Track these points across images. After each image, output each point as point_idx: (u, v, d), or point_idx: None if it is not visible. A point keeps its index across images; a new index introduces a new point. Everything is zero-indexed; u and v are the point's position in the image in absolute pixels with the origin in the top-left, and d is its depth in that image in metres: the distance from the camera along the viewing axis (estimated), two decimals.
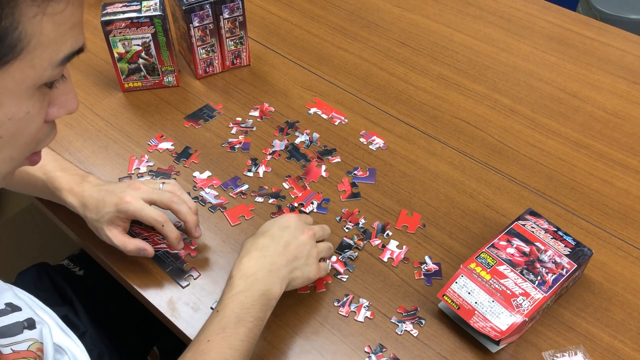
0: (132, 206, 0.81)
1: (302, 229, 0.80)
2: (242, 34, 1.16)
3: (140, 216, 0.81)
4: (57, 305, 0.92)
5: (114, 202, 0.81)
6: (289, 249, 0.77)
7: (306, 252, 0.78)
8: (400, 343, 0.79)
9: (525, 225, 0.86)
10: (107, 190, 0.83)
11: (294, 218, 0.81)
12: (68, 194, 0.85)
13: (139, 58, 1.11)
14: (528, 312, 0.76)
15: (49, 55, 0.48)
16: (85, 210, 0.83)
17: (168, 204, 0.83)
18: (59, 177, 0.86)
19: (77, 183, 0.85)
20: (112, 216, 0.81)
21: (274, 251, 0.76)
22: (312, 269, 0.79)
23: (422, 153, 1.03)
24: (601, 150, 1.04)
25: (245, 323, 0.70)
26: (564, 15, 1.33)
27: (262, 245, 0.77)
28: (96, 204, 0.82)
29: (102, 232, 0.83)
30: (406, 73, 1.20)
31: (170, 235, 0.83)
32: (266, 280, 0.74)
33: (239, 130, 1.07)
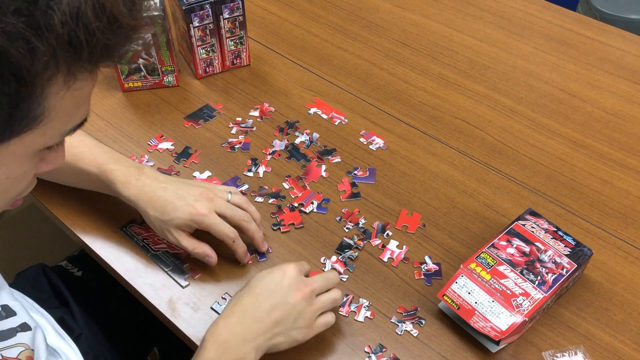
0: (207, 220, 0.80)
1: (297, 286, 0.74)
2: (242, 34, 1.16)
3: (213, 230, 0.81)
4: (54, 307, 0.92)
5: (187, 210, 0.80)
6: (273, 313, 0.71)
7: (295, 314, 0.72)
8: (400, 343, 0.79)
9: (525, 225, 0.86)
10: (177, 194, 0.82)
11: (289, 271, 0.75)
12: (125, 188, 0.84)
13: (139, 58, 1.11)
14: (528, 312, 0.76)
15: (60, 126, 0.50)
16: (148, 207, 0.82)
17: (238, 222, 0.83)
18: (113, 170, 0.85)
19: (134, 176, 0.84)
20: (182, 222, 0.80)
21: (253, 317, 0.71)
22: (301, 332, 0.73)
23: (422, 153, 1.03)
24: (601, 150, 1.04)
25: None
26: (564, 15, 1.33)
27: (243, 309, 0.72)
28: (164, 204, 0.81)
29: (168, 233, 0.82)
30: (406, 73, 1.20)
31: (240, 250, 0.83)
32: (239, 350, 0.69)
33: (239, 130, 1.07)
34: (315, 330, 0.75)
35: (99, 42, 0.45)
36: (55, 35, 0.43)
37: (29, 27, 0.42)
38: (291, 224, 0.92)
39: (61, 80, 0.46)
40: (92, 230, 0.91)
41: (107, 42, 0.46)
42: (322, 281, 0.77)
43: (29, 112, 0.46)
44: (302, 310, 0.73)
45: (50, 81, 0.46)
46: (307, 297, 0.74)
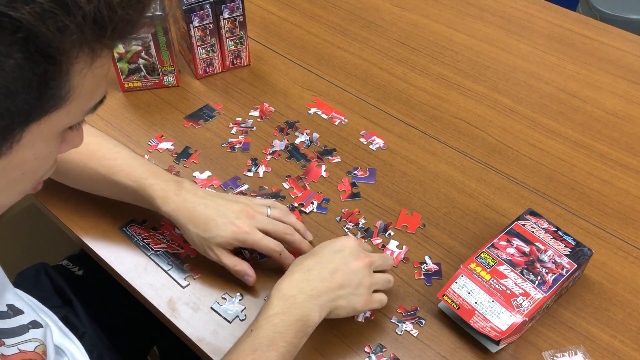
0: (251, 237, 0.80)
1: (357, 255, 0.76)
2: (242, 34, 1.16)
3: (258, 247, 0.81)
4: (57, 306, 0.92)
5: (230, 229, 0.80)
6: (336, 275, 0.74)
7: (357, 281, 0.75)
8: (400, 343, 0.79)
9: (525, 225, 0.86)
10: (218, 210, 0.81)
11: (351, 242, 0.78)
12: (164, 203, 0.82)
13: (139, 58, 1.11)
14: (528, 312, 0.76)
15: (82, 104, 0.52)
16: (189, 223, 0.81)
17: (282, 236, 0.83)
18: (152, 185, 0.83)
19: (173, 191, 0.83)
20: (225, 241, 0.80)
21: (318, 276, 0.73)
22: (361, 300, 0.75)
23: (422, 153, 1.03)
24: (601, 150, 1.04)
25: (277, 347, 0.68)
26: (564, 15, 1.33)
27: (307, 268, 0.74)
28: (205, 221, 0.80)
29: (209, 250, 0.81)
30: (406, 73, 1.20)
31: (287, 261, 0.82)
32: (304, 306, 0.71)
33: (239, 130, 1.07)
34: (371, 303, 0.77)
35: (120, 18, 0.47)
36: (82, 13, 0.44)
37: (57, 6, 0.43)
38: None
39: (85, 58, 0.48)
40: (92, 230, 0.91)
41: (127, 18, 0.47)
42: (379, 258, 0.79)
43: (57, 90, 0.47)
44: (362, 278, 0.75)
45: (76, 59, 0.47)
46: (367, 267, 0.76)
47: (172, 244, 0.89)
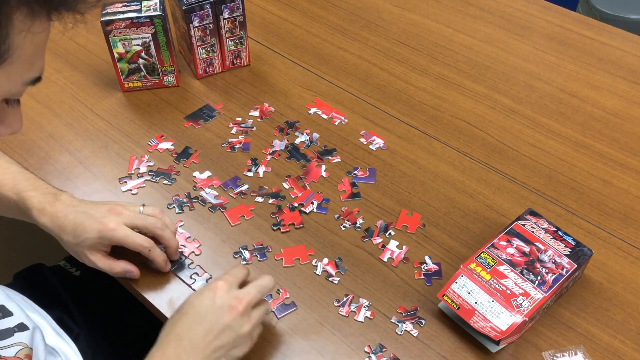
0: (117, 233, 0.79)
1: (230, 305, 0.70)
2: (242, 34, 1.16)
3: (125, 243, 0.80)
4: (52, 307, 0.91)
5: (95, 228, 0.78)
6: (209, 339, 0.68)
7: (234, 335, 0.70)
8: (400, 343, 0.79)
9: (525, 225, 0.86)
10: (86, 214, 0.80)
11: (220, 291, 0.71)
12: (40, 214, 0.81)
13: (139, 58, 1.11)
14: (528, 312, 0.76)
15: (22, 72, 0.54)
16: (62, 232, 0.80)
17: (152, 229, 0.81)
18: (30, 197, 0.82)
19: (49, 203, 0.82)
20: (94, 242, 0.79)
21: (189, 345, 0.68)
22: (243, 348, 0.72)
23: (422, 153, 1.03)
24: (601, 150, 1.04)
25: None
26: (564, 15, 1.33)
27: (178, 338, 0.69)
28: (74, 227, 0.79)
29: (83, 256, 0.80)
30: (406, 73, 1.20)
31: (158, 258, 0.82)
32: None
33: (239, 130, 1.07)
34: (254, 341, 0.74)
35: None
36: None
37: None
38: (291, 224, 0.92)
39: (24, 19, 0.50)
40: None
41: None
42: (255, 291, 0.74)
43: None
44: (239, 329, 0.71)
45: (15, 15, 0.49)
46: (241, 314, 0.71)
47: None
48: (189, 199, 0.96)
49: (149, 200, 0.96)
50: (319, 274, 0.86)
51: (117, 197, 0.96)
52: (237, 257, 0.88)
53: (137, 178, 0.99)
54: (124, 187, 0.97)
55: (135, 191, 0.97)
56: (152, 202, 0.95)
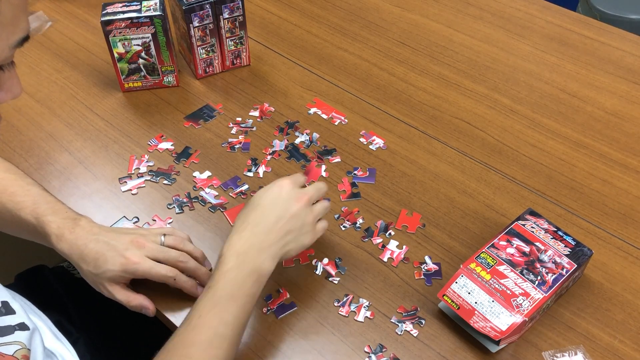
0: (141, 267, 0.78)
1: (296, 197, 0.78)
2: (242, 34, 1.16)
3: (149, 276, 0.79)
4: (52, 310, 0.91)
5: (119, 262, 0.78)
6: (280, 224, 0.76)
7: (300, 222, 0.78)
8: (400, 343, 0.79)
9: (525, 225, 0.86)
10: (108, 244, 0.79)
11: (286, 186, 0.79)
12: (59, 241, 0.80)
13: (139, 58, 1.11)
14: (528, 312, 0.76)
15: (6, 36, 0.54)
16: (81, 261, 0.79)
17: (175, 264, 0.81)
18: (50, 222, 0.81)
19: (68, 229, 0.80)
20: (116, 275, 0.78)
21: (265, 228, 0.75)
22: (307, 237, 0.79)
23: (422, 153, 1.03)
24: (601, 150, 1.04)
25: (236, 299, 0.71)
26: (564, 15, 1.33)
27: (254, 223, 0.76)
28: (95, 257, 0.78)
29: (102, 287, 0.79)
30: (406, 73, 1.20)
31: (185, 286, 0.81)
32: (256, 259, 0.73)
33: (239, 130, 1.07)
34: (317, 234, 0.80)
35: None
36: None
37: None
38: None
39: None
40: None
41: None
42: (314, 191, 0.81)
43: None
44: (304, 218, 0.78)
45: None
46: (305, 205, 0.78)
47: None
48: (189, 199, 0.96)
49: (149, 200, 0.96)
50: (319, 274, 0.86)
51: (117, 197, 0.96)
52: None
53: (137, 178, 0.99)
54: (124, 187, 0.97)
55: (135, 191, 0.97)
56: (152, 202, 0.95)
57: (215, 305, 0.70)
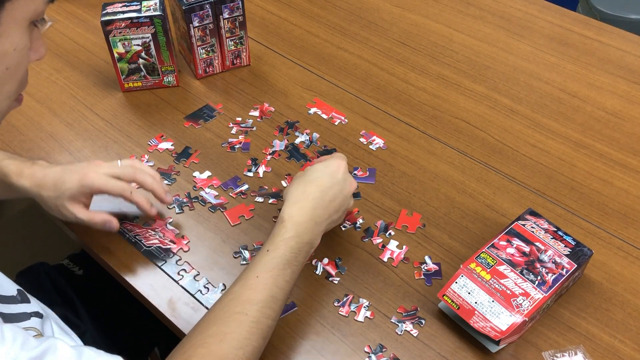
0: (97, 180, 0.82)
1: (350, 181, 0.84)
2: (242, 34, 1.16)
3: (106, 189, 0.83)
4: (57, 305, 0.92)
5: (75, 178, 0.82)
6: (334, 204, 0.81)
7: (346, 204, 0.84)
8: (400, 343, 0.79)
9: (525, 225, 0.86)
10: (65, 169, 0.83)
11: (343, 167, 0.84)
12: (19, 177, 0.84)
13: (139, 58, 1.11)
14: (528, 312, 0.76)
15: None
16: (41, 189, 0.83)
17: (132, 176, 0.85)
18: (7, 165, 0.85)
19: (27, 166, 0.85)
20: (74, 192, 0.82)
21: (322, 204, 0.80)
22: (342, 217, 0.85)
23: (422, 153, 1.03)
24: (601, 150, 1.04)
25: (292, 266, 0.74)
26: (564, 15, 1.33)
27: (313, 196, 0.80)
28: (54, 182, 0.82)
29: (63, 209, 0.83)
30: (406, 73, 1.20)
31: (140, 200, 0.85)
32: (313, 232, 0.78)
33: (239, 130, 1.07)
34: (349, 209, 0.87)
35: None
36: None
37: None
38: None
39: None
40: (92, 230, 0.91)
41: None
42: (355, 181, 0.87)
43: None
44: (350, 201, 0.85)
45: None
46: (353, 190, 0.84)
47: (164, 239, 0.90)
48: (189, 199, 0.96)
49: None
50: (319, 274, 0.86)
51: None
52: (237, 257, 0.88)
53: None
54: None
55: None
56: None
57: (273, 268, 0.73)
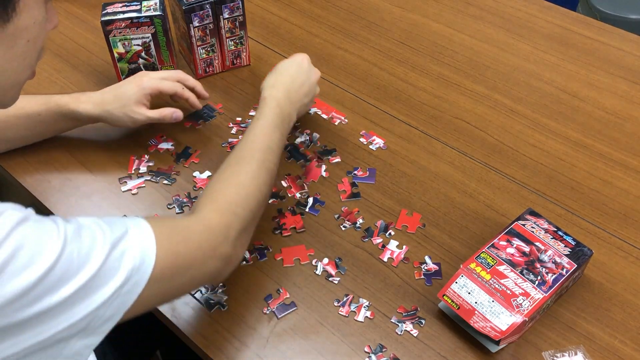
0: (153, 82, 0.98)
1: (314, 71, 1.01)
2: (242, 34, 1.16)
3: (161, 87, 0.99)
4: None
5: (133, 86, 0.97)
6: (303, 88, 0.97)
7: (313, 91, 1.00)
8: (400, 343, 0.79)
9: (525, 225, 0.86)
10: (116, 85, 0.98)
11: (306, 59, 1.00)
12: (78, 103, 0.95)
13: (139, 58, 1.11)
14: (528, 312, 0.76)
15: None
16: (105, 105, 0.96)
17: (177, 76, 1.02)
18: (60, 98, 0.95)
19: (79, 95, 0.96)
20: (138, 96, 0.96)
21: (293, 88, 0.95)
22: (311, 102, 1.02)
23: (422, 153, 1.03)
24: (601, 150, 1.04)
25: (279, 130, 0.88)
26: (564, 15, 1.33)
27: (285, 83, 0.95)
28: (114, 96, 0.96)
29: (133, 113, 0.96)
30: (406, 73, 1.20)
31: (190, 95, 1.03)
32: (290, 107, 0.93)
33: (239, 130, 1.07)
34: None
35: None
36: None
37: None
38: (292, 227, 0.92)
39: None
40: None
41: None
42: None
43: None
44: (315, 88, 1.01)
45: None
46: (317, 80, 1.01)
47: None
48: (189, 199, 0.96)
49: (149, 200, 0.96)
50: (319, 274, 0.86)
51: (117, 197, 0.96)
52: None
53: (137, 178, 0.99)
54: (124, 187, 0.97)
55: (135, 191, 0.97)
56: (152, 202, 0.95)
57: (266, 128, 0.86)
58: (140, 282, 0.60)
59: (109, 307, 0.57)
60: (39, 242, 0.53)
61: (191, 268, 0.67)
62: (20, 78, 0.65)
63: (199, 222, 0.71)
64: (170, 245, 0.64)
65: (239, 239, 0.74)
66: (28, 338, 0.53)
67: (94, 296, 0.56)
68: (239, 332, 0.80)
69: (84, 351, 0.57)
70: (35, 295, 0.52)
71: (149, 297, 0.62)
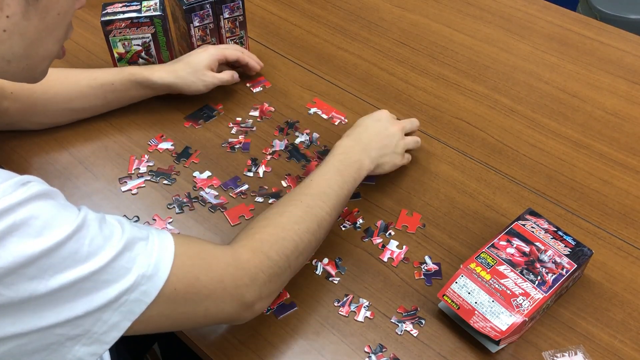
0: (220, 49, 1.07)
1: (393, 122, 0.95)
2: (242, 34, 1.16)
3: (227, 54, 1.08)
4: None
5: (201, 54, 1.06)
6: (379, 138, 0.92)
7: (395, 142, 0.93)
8: (400, 343, 0.79)
9: (525, 225, 0.86)
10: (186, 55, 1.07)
11: (385, 113, 0.96)
12: (152, 72, 1.02)
13: (139, 58, 1.11)
14: (528, 312, 0.76)
15: None
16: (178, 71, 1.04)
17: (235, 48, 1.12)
18: (133, 68, 1.03)
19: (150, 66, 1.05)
20: (208, 61, 1.05)
21: (366, 138, 0.91)
22: (398, 158, 0.94)
23: (422, 153, 1.03)
24: (601, 150, 1.04)
25: (342, 175, 0.85)
26: (564, 15, 1.33)
27: (357, 133, 0.92)
28: (185, 63, 1.05)
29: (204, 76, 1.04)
30: (406, 73, 1.20)
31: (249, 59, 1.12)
32: (360, 153, 0.89)
33: (239, 130, 1.07)
34: (404, 160, 0.97)
35: None
36: None
37: None
38: None
39: None
40: None
41: None
42: (408, 123, 0.98)
43: None
44: (398, 140, 0.94)
45: None
46: (400, 131, 0.95)
47: None
48: (189, 199, 0.96)
49: (149, 200, 0.96)
50: (319, 274, 0.86)
51: (117, 197, 0.96)
52: None
53: (137, 178, 0.99)
54: (124, 187, 0.97)
55: (135, 191, 0.97)
56: (152, 202, 0.95)
57: (325, 174, 0.84)
58: (150, 292, 0.58)
59: (114, 312, 0.56)
60: (55, 217, 0.53)
61: (208, 299, 0.65)
62: (51, 51, 0.68)
63: (227, 255, 0.68)
64: (191, 268, 0.62)
65: (266, 285, 0.70)
66: (28, 321, 0.52)
67: (98, 293, 0.55)
68: (238, 332, 0.80)
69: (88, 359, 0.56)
70: (38, 269, 0.51)
71: (159, 316, 0.60)
